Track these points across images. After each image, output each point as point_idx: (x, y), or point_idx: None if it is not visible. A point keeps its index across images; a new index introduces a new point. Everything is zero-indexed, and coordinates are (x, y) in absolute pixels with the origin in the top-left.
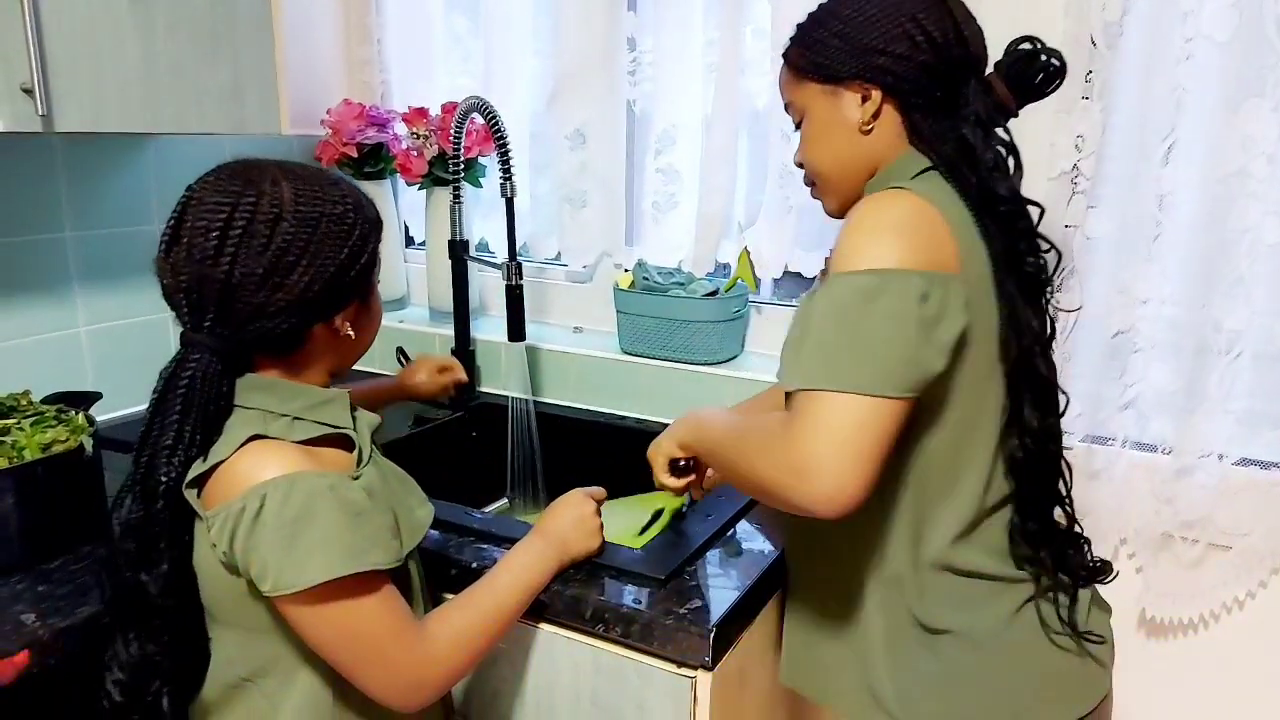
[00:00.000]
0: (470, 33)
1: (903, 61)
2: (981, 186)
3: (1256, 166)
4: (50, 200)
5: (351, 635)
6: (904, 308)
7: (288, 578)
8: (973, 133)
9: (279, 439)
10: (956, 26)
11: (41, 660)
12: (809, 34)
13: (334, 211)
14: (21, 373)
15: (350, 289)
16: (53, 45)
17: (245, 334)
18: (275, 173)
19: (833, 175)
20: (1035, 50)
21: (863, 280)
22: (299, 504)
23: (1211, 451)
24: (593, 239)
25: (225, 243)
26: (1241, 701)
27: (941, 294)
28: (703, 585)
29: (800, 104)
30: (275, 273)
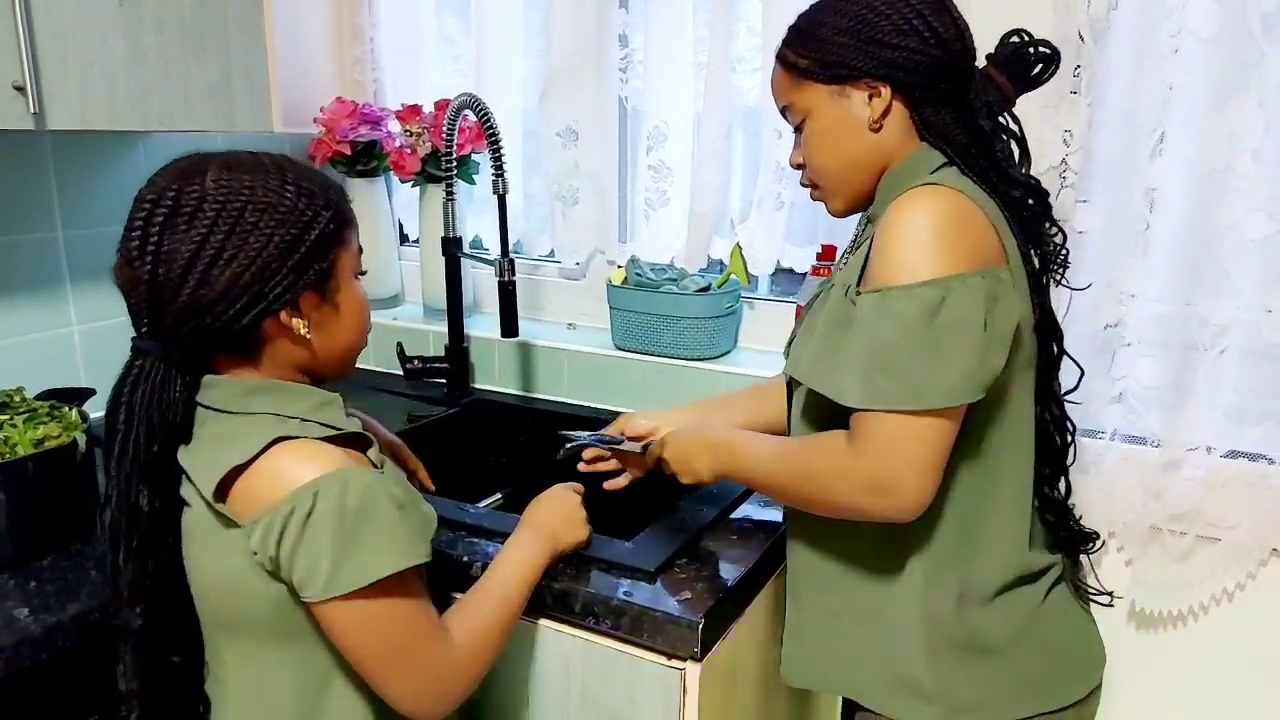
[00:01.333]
0: (461, 32)
1: (914, 56)
2: (999, 174)
3: (1241, 163)
4: (41, 200)
5: (391, 636)
6: (970, 314)
7: (345, 577)
8: (985, 122)
9: (303, 438)
10: (954, 20)
11: (33, 656)
12: (808, 35)
13: (263, 199)
14: (13, 372)
15: (292, 279)
16: (43, 43)
17: (183, 335)
18: (210, 164)
19: (843, 176)
20: (1026, 42)
21: (924, 293)
22: (357, 499)
23: (1200, 445)
24: (585, 235)
25: (147, 238)
26: (1231, 692)
27: (996, 287)
28: (693, 577)
29: (802, 106)
30: (196, 266)
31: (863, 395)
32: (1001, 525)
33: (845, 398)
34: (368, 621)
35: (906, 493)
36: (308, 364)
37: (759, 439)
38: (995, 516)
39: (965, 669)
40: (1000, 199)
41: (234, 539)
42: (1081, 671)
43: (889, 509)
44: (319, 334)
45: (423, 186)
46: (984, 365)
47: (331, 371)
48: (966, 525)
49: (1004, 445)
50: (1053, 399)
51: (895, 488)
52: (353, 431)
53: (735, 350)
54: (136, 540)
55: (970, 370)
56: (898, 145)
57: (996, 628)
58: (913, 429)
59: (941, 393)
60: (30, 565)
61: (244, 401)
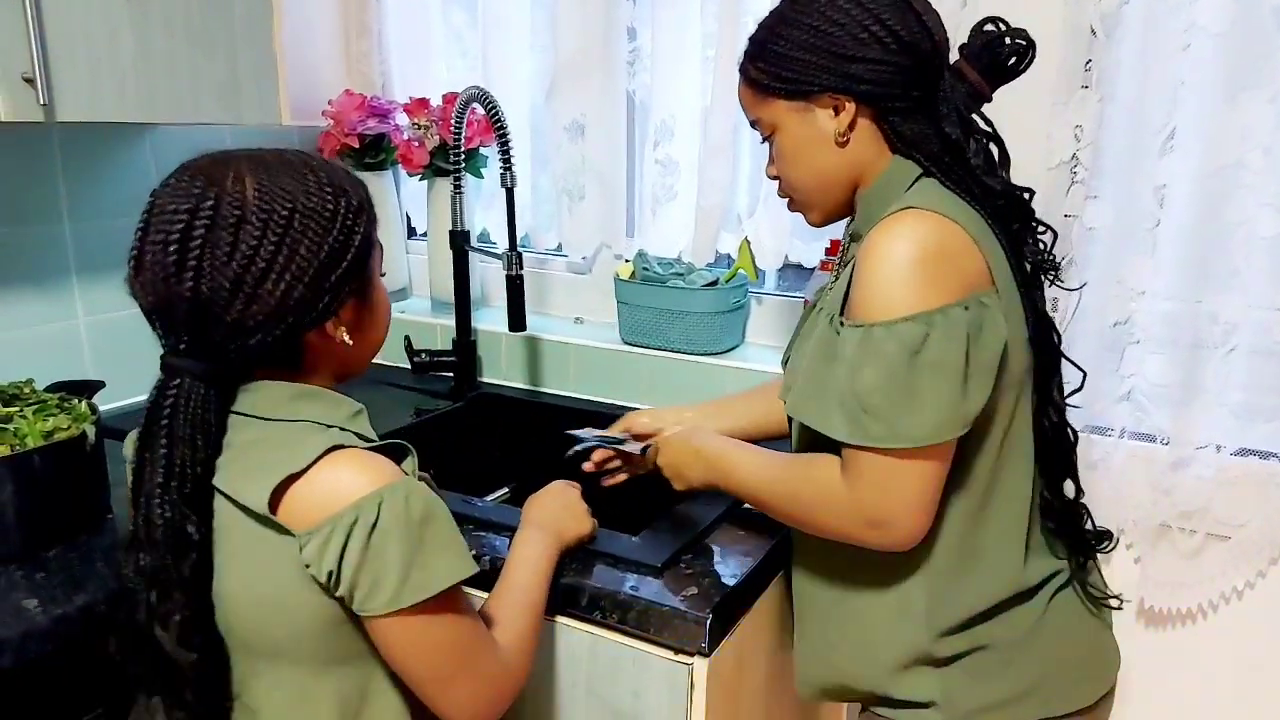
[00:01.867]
0: (468, 26)
1: (877, 67)
2: (978, 185)
3: (1253, 159)
4: (49, 192)
5: (450, 648)
6: (951, 352)
7: (413, 586)
8: (954, 129)
9: (353, 447)
10: (919, 18)
11: (40, 648)
12: (767, 47)
13: (307, 205)
14: (20, 365)
15: (340, 287)
16: (53, 35)
17: (226, 355)
18: (240, 167)
19: (814, 191)
20: (1001, 32)
21: (905, 330)
22: (421, 508)
23: (1209, 443)
24: (592, 230)
25: (186, 256)
26: (1240, 690)
27: (981, 316)
28: (699, 572)
29: (768, 121)
30: (245, 283)
31: (850, 433)
32: (1002, 541)
33: (834, 433)
34: (430, 633)
35: (901, 528)
36: (344, 366)
37: (751, 454)
38: (995, 534)
39: (969, 676)
40: (982, 208)
41: (280, 552)
42: (1090, 675)
43: (883, 541)
44: (358, 336)
45: (430, 180)
46: (967, 400)
47: (359, 371)
48: (967, 543)
49: (1001, 463)
50: (1052, 406)
51: (890, 523)
52: (395, 442)
53: (743, 345)
54: (189, 572)
55: (953, 406)
56: (869, 158)
57: (1000, 637)
58: (904, 467)
59: (928, 432)
60: (38, 557)
61: (289, 408)
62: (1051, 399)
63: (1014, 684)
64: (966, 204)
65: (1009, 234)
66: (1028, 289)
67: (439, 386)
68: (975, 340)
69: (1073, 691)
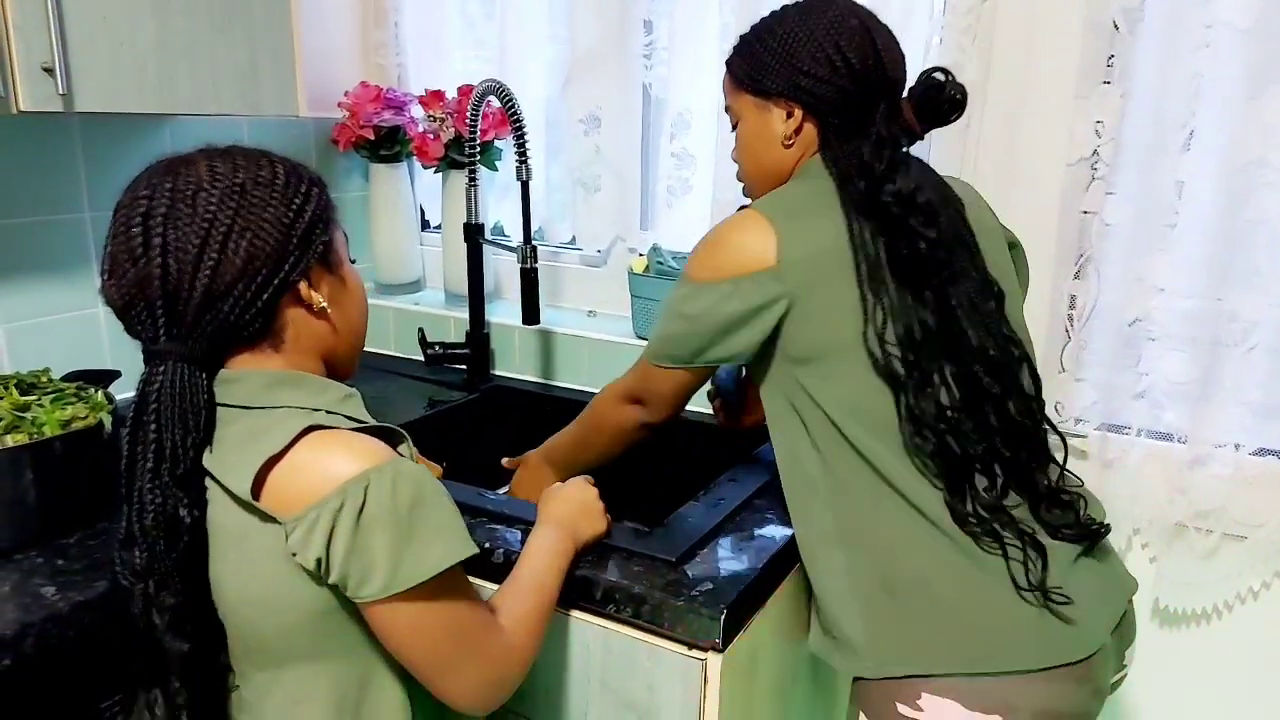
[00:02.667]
0: (485, 16)
1: (823, 85)
2: (869, 192)
3: (1275, 156)
4: (69, 181)
5: (449, 631)
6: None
7: (406, 572)
8: (871, 151)
9: (337, 428)
10: (877, 53)
11: (60, 634)
12: (749, 47)
13: (259, 175)
14: (40, 352)
15: (303, 248)
16: (73, 25)
17: (204, 326)
18: (193, 156)
19: (755, 180)
20: (943, 82)
21: (682, 287)
22: (410, 491)
23: (1227, 442)
24: (607, 223)
25: (150, 233)
26: (1255, 691)
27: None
28: (714, 567)
29: (736, 110)
30: (209, 246)
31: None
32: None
33: None
34: (428, 616)
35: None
36: (329, 345)
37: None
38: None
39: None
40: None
41: (266, 541)
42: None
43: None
44: (337, 311)
45: (445, 172)
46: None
47: (351, 357)
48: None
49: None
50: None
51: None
52: (385, 425)
53: None
54: (177, 556)
55: (679, 344)
56: (800, 161)
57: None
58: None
59: (659, 352)
60: (57, 544)
61: (267, 395)
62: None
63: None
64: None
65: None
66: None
67: (452, 378)
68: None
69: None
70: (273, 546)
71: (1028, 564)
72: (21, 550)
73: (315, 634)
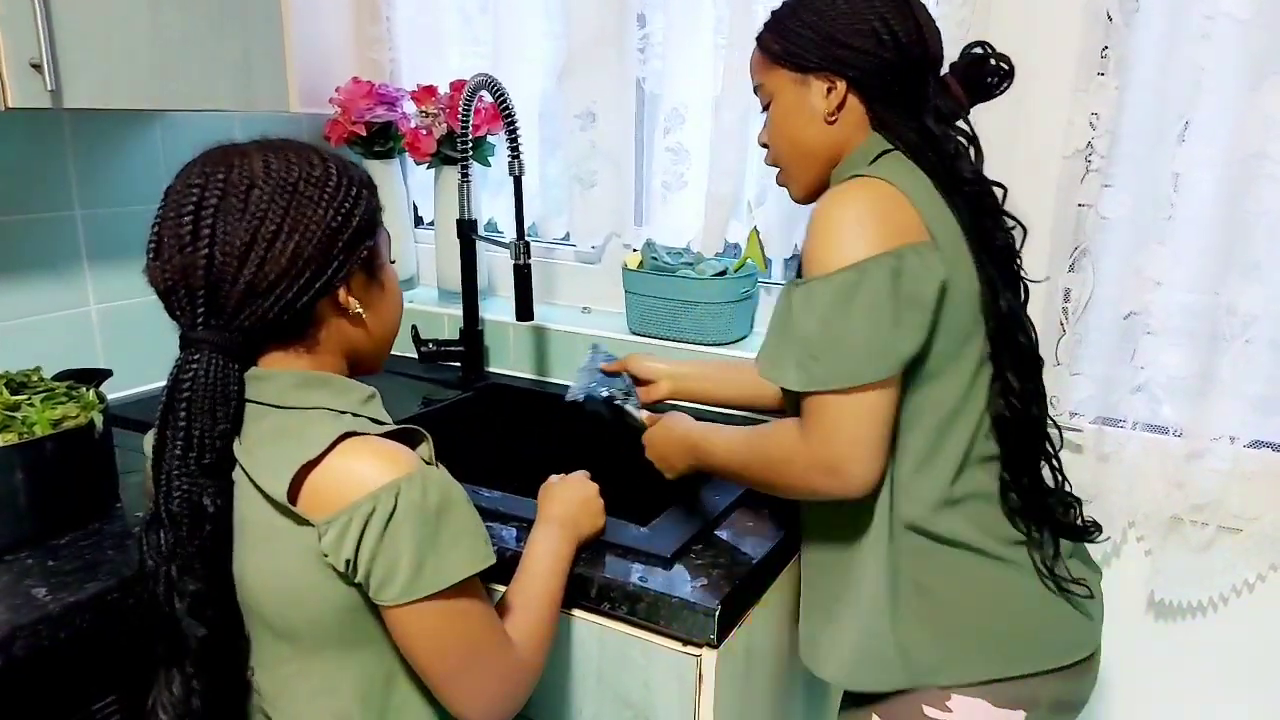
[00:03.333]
0: (480, 10)
1: (867, 57)
2: (945, 167)
3: (1275, 148)
4: (59, 178)
5: (465, 639)
6: (881, 291)
7: (428, 577)
8: (934, 125)
9: (368, 434)
10: (919, 27)
11: (52, 635)
12: (783, 22)
13: (312, 174)
14: (32, 351)
15: (348, 254)
16: (61, 21)
17: (241, 320)
18: (248, 148)
19: (796, 161)
20: (986, 54)
21: (839, 279)
22: (438, 498)
23: (1224, 435)
24: (601, 219)
25: (200, 223)
26: (1250, 684)
27: (913, 262)
28: (708, 564)
29: (770, 88)
30: (257, 243)
31: (799, 379)
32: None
33: (789, 384)
34: (444, 624)
35: (854, 472)
36: (360, 348)
37: (726, 434)
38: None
39: (925, 629)
40: (945, 191)
41: (298, 540)
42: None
43: (841, 488)
44: (371, 314)
45: (438, 168)
46: (899, 339)
47: (376, 358)
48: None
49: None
50: (1012, 394)
51: (842, 467)
52: (409, 427)
53: (751, 335)
54: (200, 543)
55: (885, 343)
56: (851, 137)
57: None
58: (849, 407)
59: (862, 367)
60: (48, 544)
61: (297, 395)
62: (1005, 381)
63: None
64: (925, 178)
65: (973, 219)
66: (985, 268)
67: (447, 375)
68: (907, 283)
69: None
70: (305, 546)
71: (1058, 559)
72: (12, 551)
73: (343, 627)
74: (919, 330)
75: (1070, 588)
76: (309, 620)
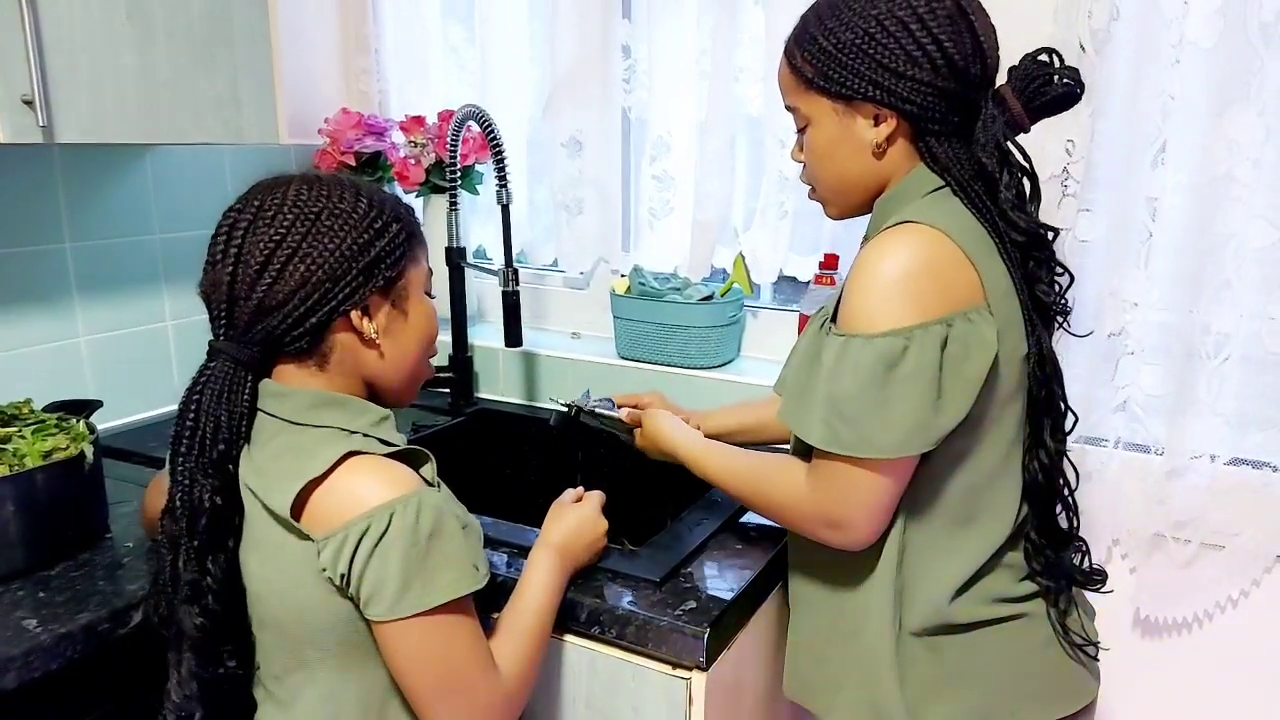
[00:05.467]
0: (466, 41)
1: (922, 89)
2: (1002, 216)
3: (1242, 171)
4: (49, 211)
5: (448, 661)
6: (926, 368)
7: (412, 598)
8: (990, 160)
9: (373, 454)
10: (976, 40)
11: (43, 666)
12: (817, 41)
13: (339, 206)
14: (21, 383)
15: (363, 279)
16: (52, 56)
17: (254, 335)
18: (291, 178)
19: (838, 191)
20: (1053, 69)
21: (883, 344)
22: (430, 521)
23: (1203, 452)
24: (589, 245)
25: (230, 242)
26: (1235, 700)
27: (965, 331)
28: (698, 587)
29: (806, 113)
30: (273, 262)
31: (823, 438)
32: (978, 551)
33: (809, 438)
34: (429, 644)
35: (857, 531)
36: (376, 374)
37: (722, 455)
38: (974, 545)
39: (934, 695)
40: (998, 236)
41: (300, 553)
42: (1053, 699)
43: (839, 541)
44: (388, 341)
45: (427, 197)
46: (939, 416)
47: (398, 387)
48: (940, 550)
49: (986, 480)
50: (1043, 447)
51: (846, 525)
52: (413, 448)
53: (738, 359)
54: (199, 538)
55: (921, 423)
56: (899, 166)
57: (967, 656)
58: (866, 475)
59: (896, 443)
60: (39, 575)
61: (312, 414)
62: (1043, 440)
63: (977, 703)
64: (977, 222)
65: (1024, 269)
66: (1033, 324)
67: (436, 402)
68: (955, 357)
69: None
70: (307, 560)
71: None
72: (3, 582)
73: (343, 640)
74: (962, 409)
75: (1086, 649)
76: (313, 631)
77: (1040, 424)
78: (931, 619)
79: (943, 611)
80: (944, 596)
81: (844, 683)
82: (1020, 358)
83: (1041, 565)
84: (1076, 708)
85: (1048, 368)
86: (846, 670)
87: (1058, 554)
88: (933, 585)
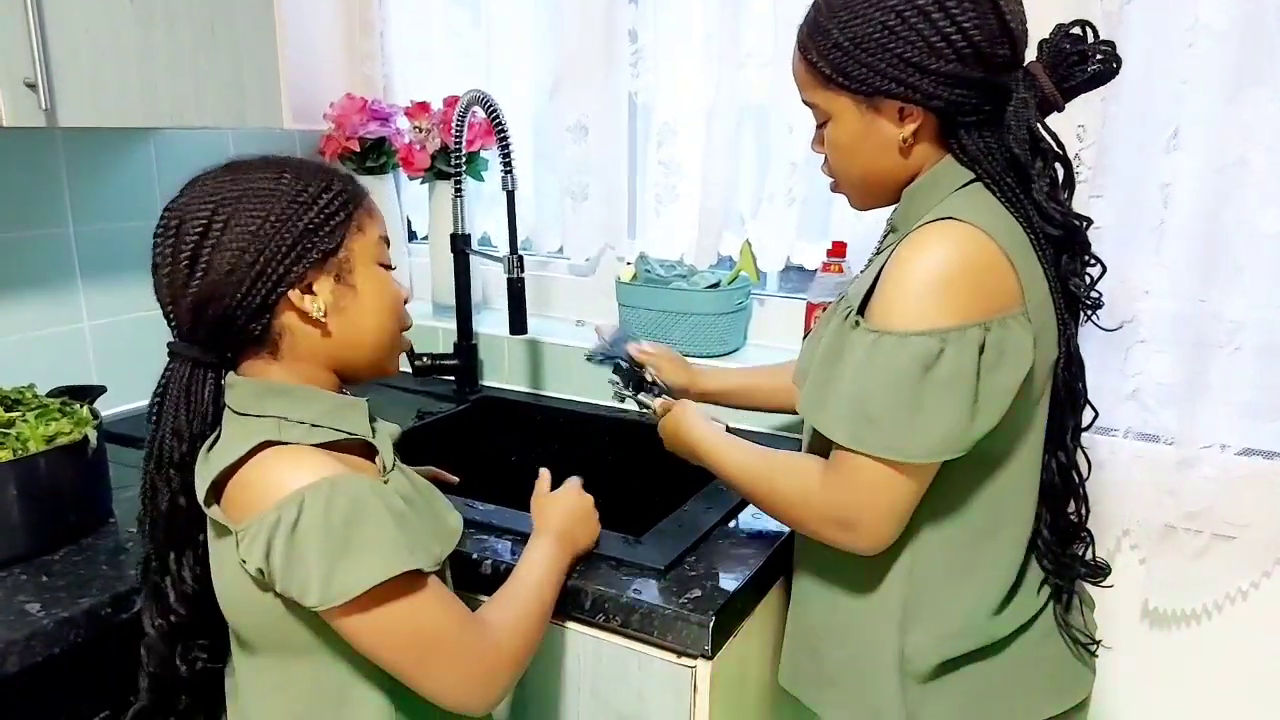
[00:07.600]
0: (471, 26)
1: (948, 82)
2: (1036, 208)
3: (1255, 157)
4: (53, 195)
5: (415, 635)
6: (962, 373)
7: (338, 586)
8: (1022, 149)
9: (296, 444)
10: (1001, 18)
11: (45, 650)
12: (833, 36)
13: (261, 186)
14: (25, 368)
15: (295, 255)
16: (55, 39)
17: (201, 327)
18: (218, 171)
19: (862, 186)
20: (1085, 38)
21: (919, 345)
22: (345, 507)
23: (1214, 442)
24: (595, 232)
25: (165, 242)
26: (1245, 692)
27: (1001, 338)
28: (702, 575)
29: (825, 109)
30: (200, 254)
31: (847, 436)
32: (995, 563)
33: (832, 434)
34: (386, 625)
35: (867, 533)
36: (333, 355)
37: (738, 453)
38: (991, 554)
39: (932, 701)
40: (1032, 229)
41: (228, 547)
42: (1052, 694)
43: (848, 542)
44: (338, 318)
45: (431, 183)
46: (973, 424)
47: (364, 365)
48: (958, 562)
49: (1010, 485)
50: (1062, 448)
51: (858, 527)
52: (358, 437)
53: (745, 346)
54: (156, 541)
55: (954, 430)
56: (926, 158)
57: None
58: (887, 478)
59: (923, 450)
60: (42, 560)
61: (254, 404)
62: (1064, 441)
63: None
64: (1013, 218)
65: (1057, 261)
66: (1066, 323)
67: (441, 389)
68: (992, 363)
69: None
70: (231, 553)
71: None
72: (6, 566)
73: (279, 632)
74: (995, 416)
75: (1088, 646)
76: (250, 625)
77: (1063, 424)
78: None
79: (984, 629)
80: (984, 613)
81: (837, 680)
82: (1052, 362)
83: (1052, 564)
84: (1074, 702)
85: (1074, 368)
86: (841, 668)
87: (1066, 551)
88: (964, 601)
